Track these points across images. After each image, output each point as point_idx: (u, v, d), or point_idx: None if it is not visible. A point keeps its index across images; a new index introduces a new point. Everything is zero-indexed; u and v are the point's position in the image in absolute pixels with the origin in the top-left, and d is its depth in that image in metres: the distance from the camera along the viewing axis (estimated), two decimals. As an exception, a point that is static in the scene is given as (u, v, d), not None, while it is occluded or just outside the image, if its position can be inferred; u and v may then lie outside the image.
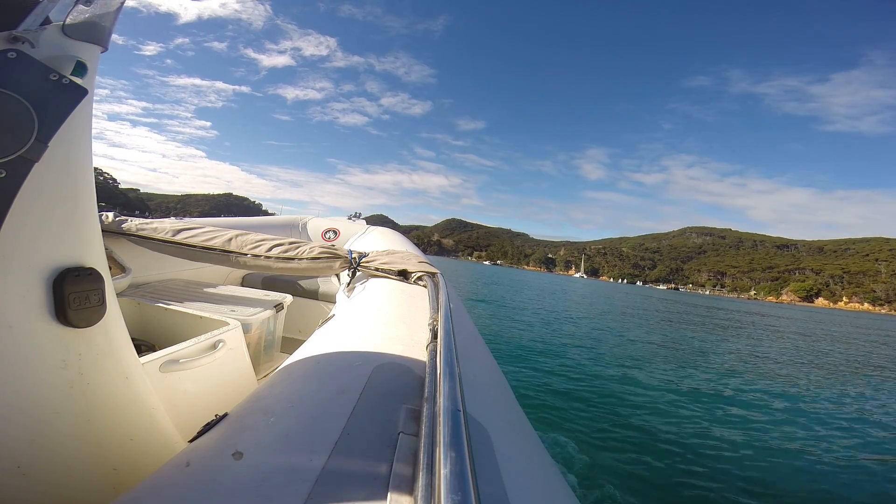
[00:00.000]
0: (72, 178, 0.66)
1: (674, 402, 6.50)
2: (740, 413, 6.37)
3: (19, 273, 0.60)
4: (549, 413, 5.33)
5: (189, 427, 0.86)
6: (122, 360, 0.79)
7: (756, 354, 12.97)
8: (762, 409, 6.74)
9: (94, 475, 0.75)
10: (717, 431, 5.41)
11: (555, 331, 12.38)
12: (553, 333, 11.86)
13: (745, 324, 26.21)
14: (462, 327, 1.26)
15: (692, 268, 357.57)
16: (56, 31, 0.62)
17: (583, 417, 5.33)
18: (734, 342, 15.69)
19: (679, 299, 69.21)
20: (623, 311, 25.10)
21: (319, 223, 4.28)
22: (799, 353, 14.34)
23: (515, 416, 0.99)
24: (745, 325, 25.46)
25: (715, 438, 5.16)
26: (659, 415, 5.81)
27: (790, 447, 5.22)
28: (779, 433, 5.66)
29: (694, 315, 28.38)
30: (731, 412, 6.35)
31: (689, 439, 5.01)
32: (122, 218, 2.24)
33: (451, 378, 0.63)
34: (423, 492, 0.43)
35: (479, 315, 12.38)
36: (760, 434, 5.53)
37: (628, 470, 4.07)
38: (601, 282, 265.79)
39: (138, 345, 1.68)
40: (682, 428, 5.39)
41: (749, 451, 4.91)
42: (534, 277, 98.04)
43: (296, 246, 1.98)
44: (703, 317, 27.99)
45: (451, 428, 0.49)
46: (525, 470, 0.72)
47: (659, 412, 5.93)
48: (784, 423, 6.11)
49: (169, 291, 2.14)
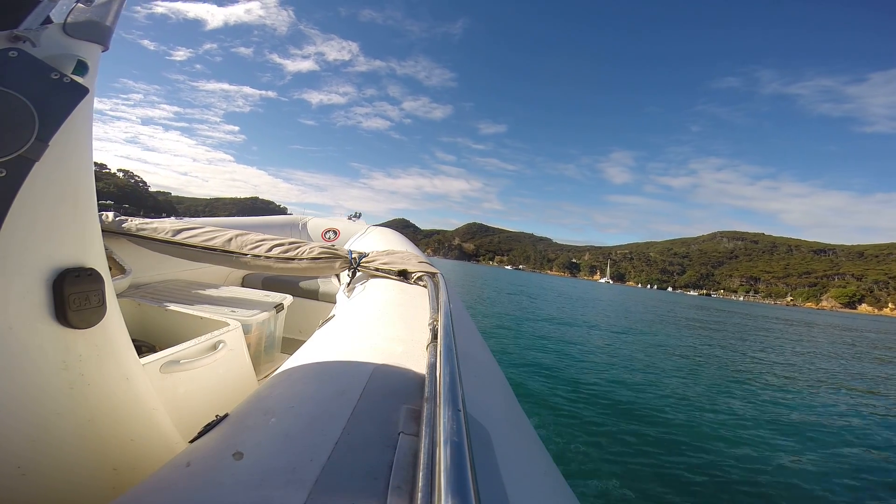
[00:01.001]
0: (72, 177, 0.66)
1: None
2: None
3: (19, 273, 0.60)
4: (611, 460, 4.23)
5: (189, 427, 0.86)
6: (123, 361, 0.79)
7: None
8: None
9: (95, 476, 0.75)
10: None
11: (600, 349, 10.78)
12: (598, 351, 10.40)
13: (809, 336, 23.58)
14: (462, 327, 1.26)
15: (723, 273, 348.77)
16: (57, 30, 0.62)
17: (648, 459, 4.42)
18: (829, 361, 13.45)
19: (718, 306, 64.70)
20: (667, 321, 22.42)
21: (319, 223, 4.28)
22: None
23: (515, 416, 0.99)
24: (812, 337, 22.92)
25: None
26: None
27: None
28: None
29: (753, 325, 25.96)
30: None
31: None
32: (122, 218, 2.24)
33: (451, 378, 0.63)
34: (423, 492, 0.43)
35: (502, 337, 10.54)
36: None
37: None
38: (628, 287, 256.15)
39: (139, 346, 1.68)
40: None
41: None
42: (559, 283, 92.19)
43: (296, 246, 1.98)
44: (761, 328, 25.44)
45: (451, 428, 0.49)
46: (525, 470, 0.72)
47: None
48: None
49: (169, 292, 2.14)
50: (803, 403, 7.60)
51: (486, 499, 0.44)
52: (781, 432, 5.82)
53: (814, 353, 15.70)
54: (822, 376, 10.69)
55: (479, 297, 22.93)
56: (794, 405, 7.39)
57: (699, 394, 7.38)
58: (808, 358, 14.00)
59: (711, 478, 4.22)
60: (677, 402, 6.69)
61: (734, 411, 6.56)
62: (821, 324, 43.69)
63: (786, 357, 13.67)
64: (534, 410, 5.46)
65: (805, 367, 11.96)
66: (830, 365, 12.82)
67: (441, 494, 0.39)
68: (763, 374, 10.04)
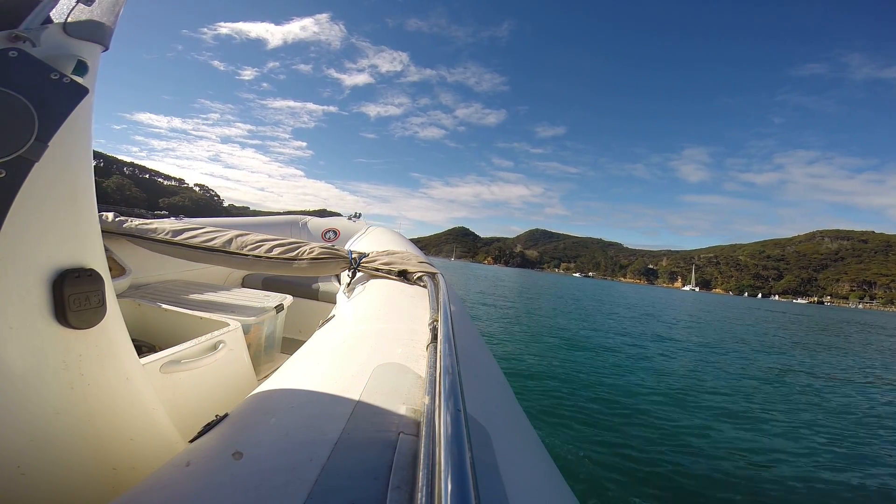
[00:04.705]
0: (72, 178, 0.66)
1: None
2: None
3: (19, 274, 0.60)
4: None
5: (189, 427, 0.86)
6: (123, 361, 0.79)
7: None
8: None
9: (95, 475, 0.75)
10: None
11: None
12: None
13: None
14: (462, 327, 1.26)
15: (829, 277, 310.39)
16: (57, 30, 0.62)
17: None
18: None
19: (845, 317, 53.24)
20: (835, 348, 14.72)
21: (319, 223, 4.28)
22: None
23: (515, 416, 0.99)
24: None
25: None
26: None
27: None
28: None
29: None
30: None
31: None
32: (122, 218, 2.24)
33: (451, 378, 0.63)
34: (423, 492, 0.43)
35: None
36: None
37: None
38: (716, 295, 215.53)
39: (139, 346, 1.68)
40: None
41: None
42: (641, 293, 73.34)
43: (296, 246, 1.98)
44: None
45: (451, 428, 0.49)
46: (525, 470, 0.72)
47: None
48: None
49: (169, 292, 2.14)
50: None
51: (485, 499, 0.44)
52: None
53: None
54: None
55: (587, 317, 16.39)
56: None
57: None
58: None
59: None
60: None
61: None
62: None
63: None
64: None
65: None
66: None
67: (441, 494, 0.38)
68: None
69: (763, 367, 9.87)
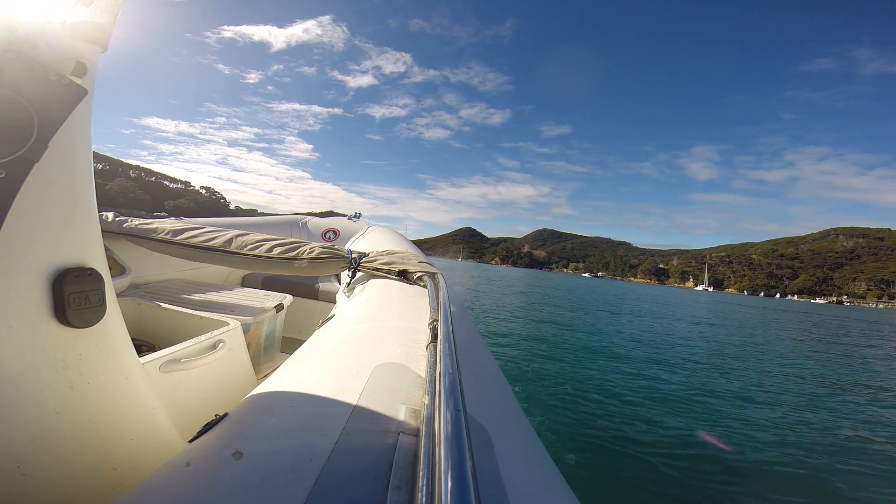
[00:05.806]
0: (72, 178, 0.66)
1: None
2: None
3: (19, 273, 0.60)
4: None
5: (189, 427, 0.86)
6: (123, 361, 0.79)
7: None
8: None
9: (94, 475, 0.75)
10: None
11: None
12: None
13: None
14: (462, 327, 1.26)
15: (845, 276, 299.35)
16: (56, 32, 0.62)
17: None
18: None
19: (873, 318, 49.39)
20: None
21: (319, 223, 4.28)
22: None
23: (515, 416, 0.99)
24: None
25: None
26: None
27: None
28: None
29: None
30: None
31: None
32: (123, 218, 2.24)
33: (452, 378, 0.63)
34: (423, 492, 0.43)
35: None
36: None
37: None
38: (729, 295, 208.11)
39: (138, 345, 1.68)
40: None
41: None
42: (655, 293, 69.37)
43: (296, 246, 1.98)
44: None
45: (451, 428, 0.49)
46: (525, 470, 0.72)
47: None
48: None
49: (169, 292, 2.14)
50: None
51: (485, 499, 0.44)
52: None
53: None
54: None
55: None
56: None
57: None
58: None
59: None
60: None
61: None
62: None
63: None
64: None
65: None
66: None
67: (441, 494, 0.39)
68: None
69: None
